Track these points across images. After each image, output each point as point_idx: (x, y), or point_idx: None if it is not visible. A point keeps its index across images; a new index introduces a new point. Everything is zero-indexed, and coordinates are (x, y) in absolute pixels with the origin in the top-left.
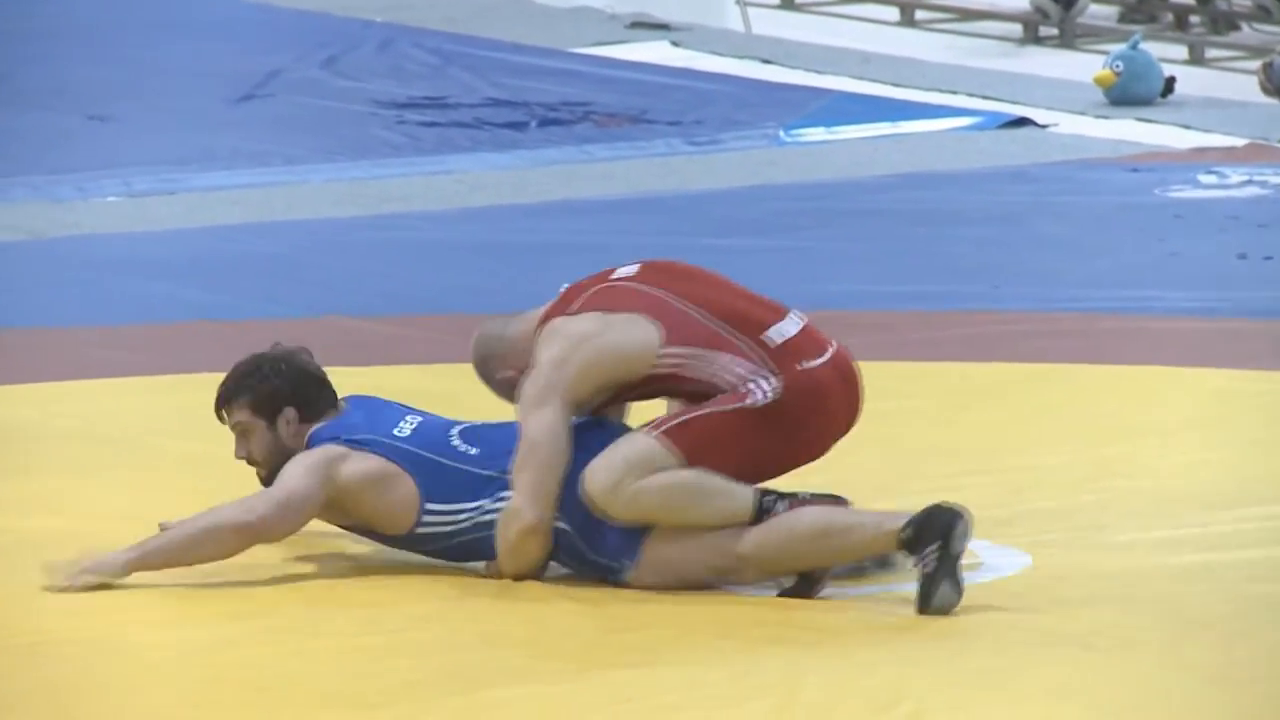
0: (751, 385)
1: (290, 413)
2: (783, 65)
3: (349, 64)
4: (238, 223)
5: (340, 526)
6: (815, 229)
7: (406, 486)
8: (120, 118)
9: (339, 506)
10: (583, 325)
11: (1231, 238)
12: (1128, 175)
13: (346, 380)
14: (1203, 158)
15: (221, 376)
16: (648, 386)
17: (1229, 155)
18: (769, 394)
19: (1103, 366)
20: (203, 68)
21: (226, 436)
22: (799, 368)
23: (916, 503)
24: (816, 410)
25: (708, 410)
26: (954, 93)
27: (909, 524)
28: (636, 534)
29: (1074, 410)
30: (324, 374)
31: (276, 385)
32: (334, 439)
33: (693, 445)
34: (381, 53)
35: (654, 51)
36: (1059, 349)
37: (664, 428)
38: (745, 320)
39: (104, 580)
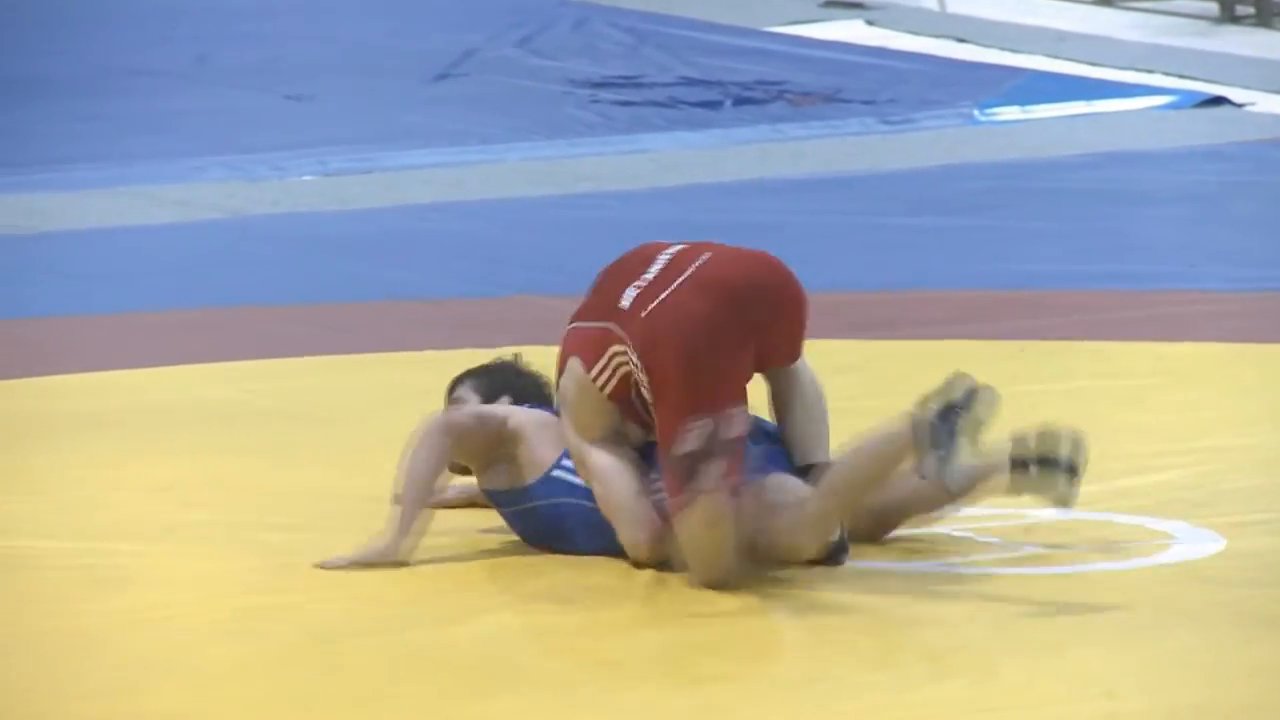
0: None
1: (505, 399)
2: (977, 44)
3: (543, 43)
4: (431, 201)
5: (476, 484)
6: (1008, 208)
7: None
8: (316, 97)
9: (499, 440)
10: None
11: None
12: None
13: (538, 357)
14: None
15: (418, 355)
16: (629, 395)
17: None
18: (636, 363)
19: None
20: (398, 47)
21: (422, 415)
22: (641, 316)
23: (1111, 481)
24: (680, 336)
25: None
26: (1149, 71)
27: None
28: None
29: (1272, 391)
30: (545, 378)
31: (500, 372)
32: None
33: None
34: (576, 32)
35: (848, 30)
36: (1255, 329)
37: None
38: (615, 302)
39: (399, 561)
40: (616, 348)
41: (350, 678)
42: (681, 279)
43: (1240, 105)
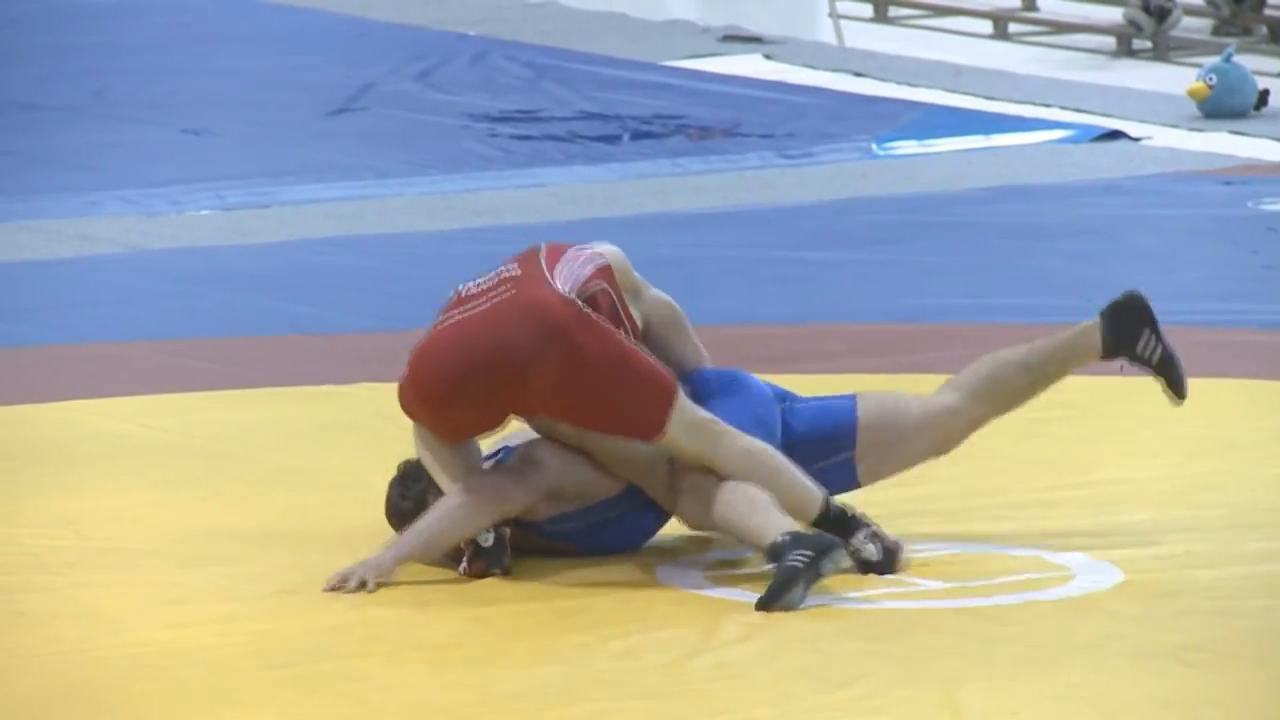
0: None
1: None
2: (875, 78)
3: (442, 77)
4: (330, 236)
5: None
6: (908, 242)
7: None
8: (214, 131)
9: (565, 481)
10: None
11: None
12: (1221, 188)
13: None
14: None
15: (317, 389)
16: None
17: None
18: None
19: (1196, 380)
20: (296, 81)
21: (321, 450)
22: (443, 321)
23: (1009, 515)
24: (423, 369)
25: None
26: (1047, 105)
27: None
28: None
29: (1167, 424)
30: None
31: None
32: None
33: None
34: (474, 66)
35: (746, 65)
36: None
37: None
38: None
39: (379, 580)
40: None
41: (248, 713)
42: (482, 306)
43: (1137, 139)
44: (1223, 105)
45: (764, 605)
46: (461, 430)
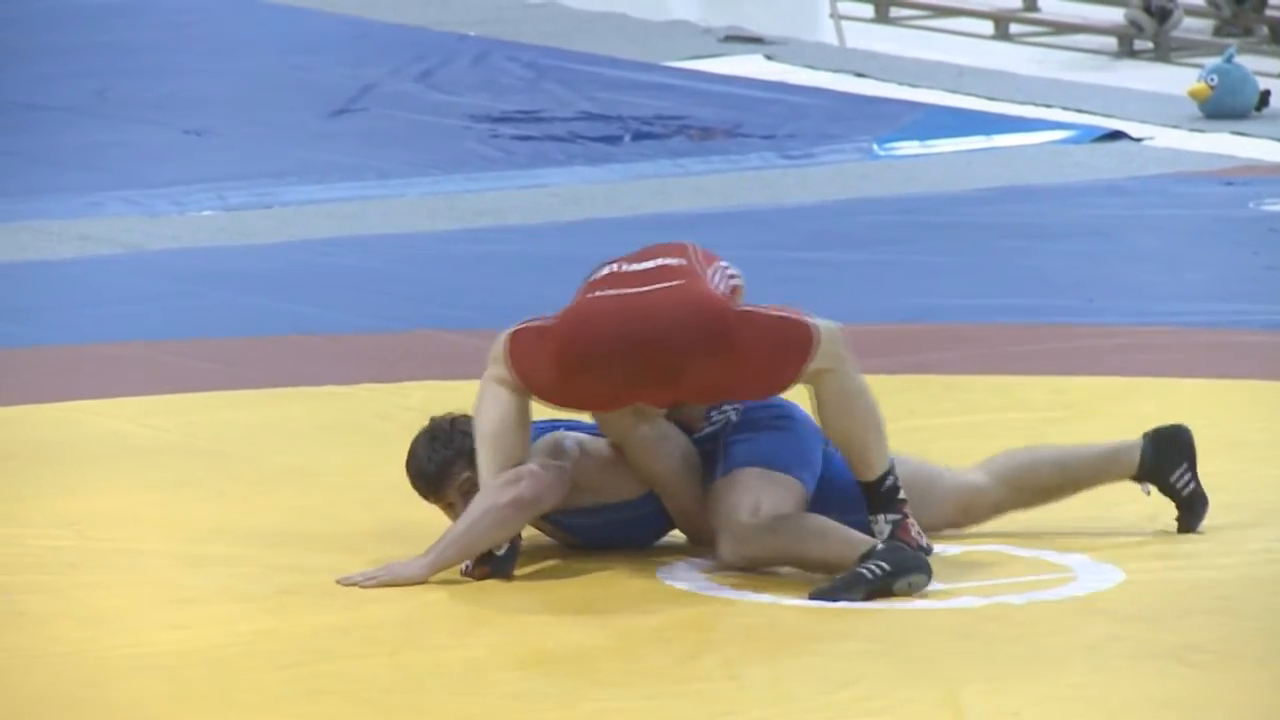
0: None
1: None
2: (876, 79)
3: (443, 78)
4: (332, 236)
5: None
6: (909, 242)
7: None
8: (216, 131)
9: (583, 476)
10: None
11: None
12: (1222, 189)
13: (441, 394)
14: None
15: (318, 390)
16: None
17: None
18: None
19: (1198, 380)
20: (297, 82)
21: (322, 450)
22: (590, 296)
23: (1011, 515)
24: (574, 330)
25: None
26: (1048, 106)
27: (1144, 448)
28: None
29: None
30: None
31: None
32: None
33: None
34: (476, 67)
35: (748, 65)
36: (1154, 363)
37: None
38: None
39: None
40: None
41: (250, 714)
42: (614, 292)
43: (1139, 139)
44: (1224, 106)
45: (816, 596)
46: (568, 399)
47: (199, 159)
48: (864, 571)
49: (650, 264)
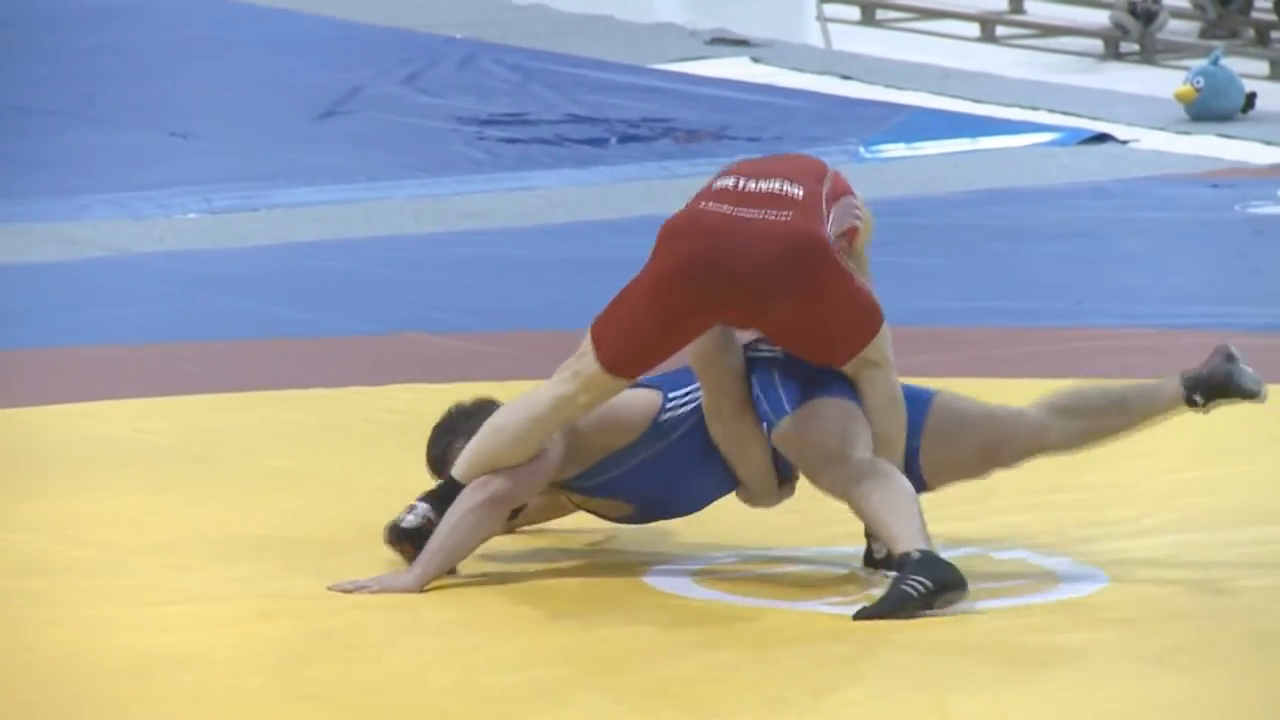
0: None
1: None
2: (862, 81)
3: (430, 80)
4: (318, 239)
5: (573, 479)
6: (895, 245)
7: (640, 389)
8: (202, 134)
9: (582, 434)
10: None
11: None
12: (1208, 191)
13: (426, 397)
14: None
15: (305, 393)
16: None
17: None
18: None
19: None
20: (284, 84)
21: (311, 454)
22: (699, 205)
23: (997, 518)
24: (685, 236)
25: None
26: (1034, 108)
27: (1189, 381)
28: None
29: (1156, 428)
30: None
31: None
32: None
33: None
34: (462, 69)
35: (734, 68)
36: (1140, 365)
37: None
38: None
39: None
40: None
41: (239, 717)
42: (733, 210)
43: (1125, 142)
44: (1210, 108)
45: (862, 616)
46: (654, 320)
47: (185, 162)
48: (909, 590)
49: (772, 184)
